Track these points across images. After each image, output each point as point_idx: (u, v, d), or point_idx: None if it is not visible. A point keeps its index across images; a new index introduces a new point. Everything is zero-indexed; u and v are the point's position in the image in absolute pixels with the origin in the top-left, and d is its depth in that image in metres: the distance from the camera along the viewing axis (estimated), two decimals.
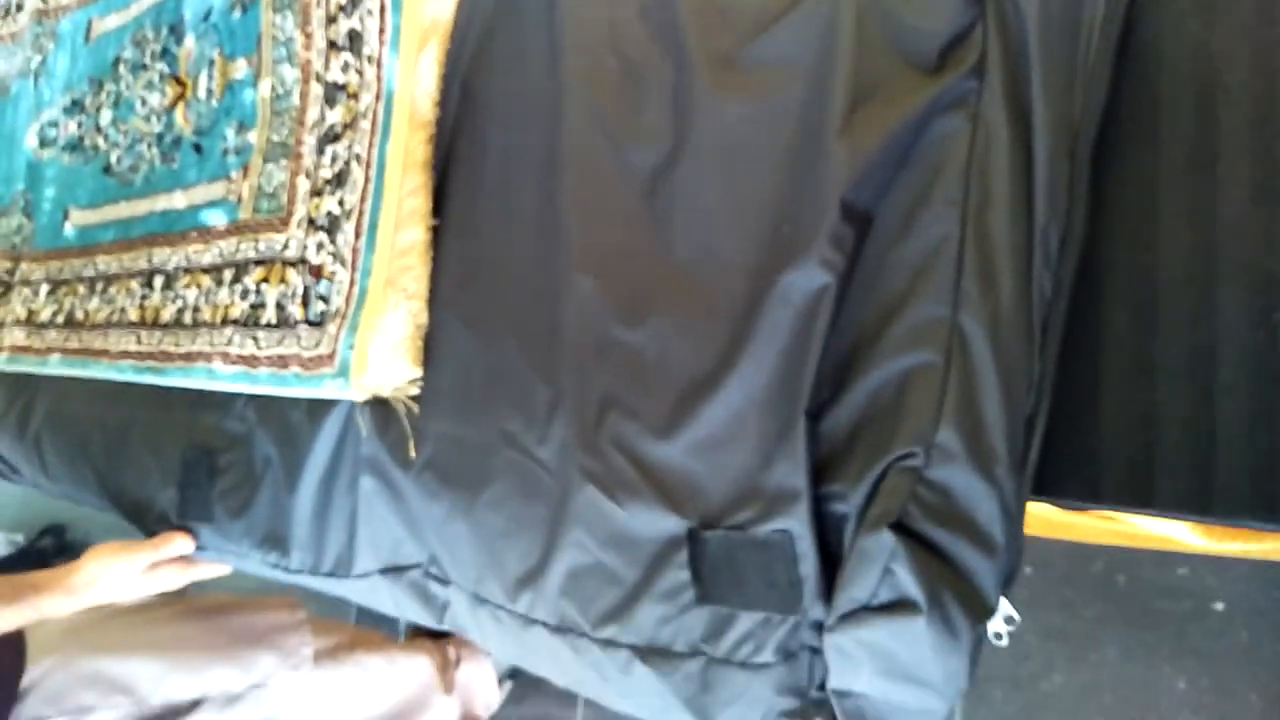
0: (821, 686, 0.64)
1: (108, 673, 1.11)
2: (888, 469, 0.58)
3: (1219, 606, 1.28)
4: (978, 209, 0.58)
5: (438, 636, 1.66)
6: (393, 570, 0.87)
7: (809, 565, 0.61)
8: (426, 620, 0.88)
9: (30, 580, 0.99)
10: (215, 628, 1.23)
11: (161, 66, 1.21)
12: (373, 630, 1.53)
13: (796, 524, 0.61)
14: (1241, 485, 0.57)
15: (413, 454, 0.79)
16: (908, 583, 0.56)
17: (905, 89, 0.61)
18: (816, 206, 0.61)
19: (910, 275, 0.59)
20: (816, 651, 0.64)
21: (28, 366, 1.28)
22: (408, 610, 0.89)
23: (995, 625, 0.63)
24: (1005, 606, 0.62)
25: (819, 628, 0.63)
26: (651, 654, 0.68)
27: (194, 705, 1.16)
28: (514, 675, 1.68)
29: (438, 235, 0.82)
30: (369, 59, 0.90)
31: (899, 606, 0.57)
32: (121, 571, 1.00)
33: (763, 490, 0.63)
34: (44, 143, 1.41)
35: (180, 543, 1.01)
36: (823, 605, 0.62)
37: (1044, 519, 1.00)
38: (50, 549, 2.49)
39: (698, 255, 0.66)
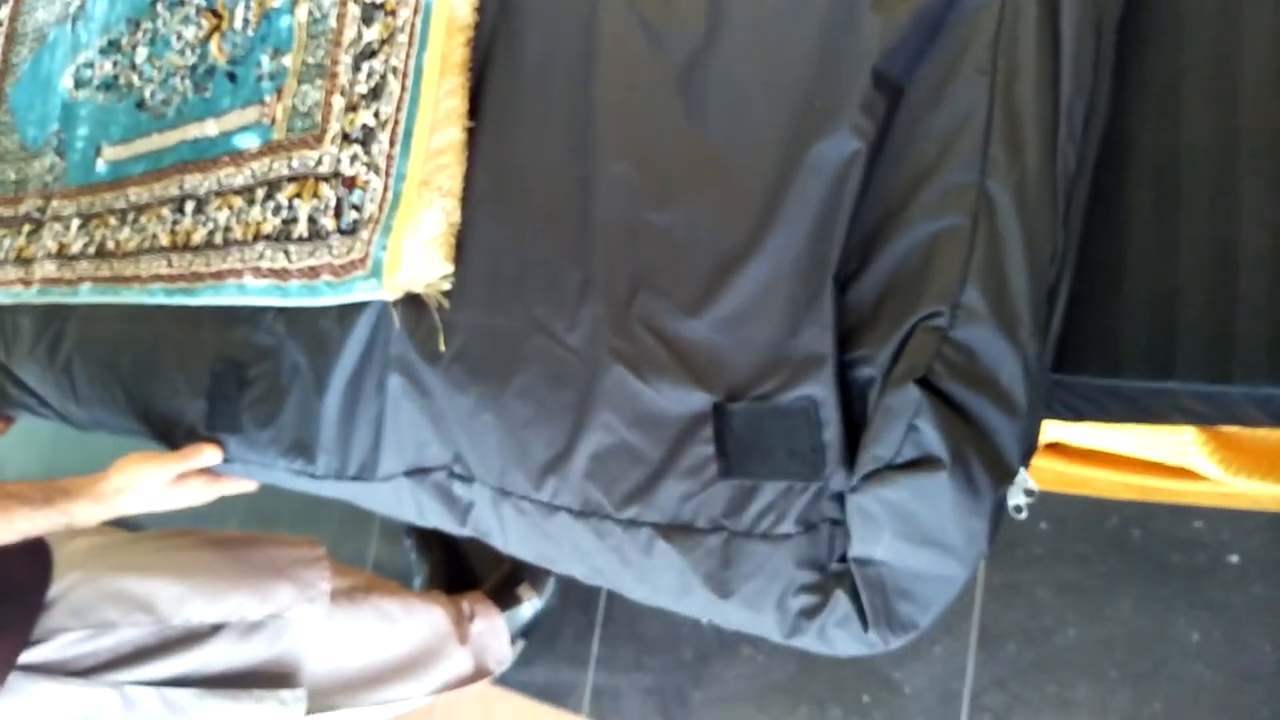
0: (842, 559, 0.65)
1: (130, 591, 1.13)
2: (913, 328, 0.59)
3: (1234, 559, 1.28)
4: (1006, 80, 0.59)
5: (453, 591, 1.68)
6: (417, 472, 0.88)
7: (832, 431, 0.62)
8: (450, 525, 0.90)
9: (61, 486, 1.02)
10: (236, 557, 1.26)
11: (198, 1, 1.24)
12: (385, 578, 1.55)
13: (820, 389, 0.62)
14: (1261, 354, 0.58)
15: (442, 347, 0.81)
16: (931, 438, 0.57)
17: None
18: (849, 77, 0.63)
19: (939, 144, 0.61)
20: (837, 523, 0.65)
21: (58, 297, 1.31)
22: (430, 514, 0.91)
23: (1015, 499, 0.64)
24: (1025, 478, 0.63)
25: (840, 500, 0.64)
26: (673, 531, 0.70)
27: (214, 631, 1.18)
28: (525, 634, 1.69)
29: (473, 135, 0.84)
30: None
31: (922, 463, 0.58)
32: (150, 479, 1.02)
33: (788, 359, 0.64)
34: (79, 83, 1.44)
35: (210, 453, 1.03)
36: (845, 473, 0.63)
37: (1059, 474, 1.01)
38: None
39: (730, 135, 0.68)
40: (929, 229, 0.60)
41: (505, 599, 1.64)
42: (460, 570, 1.76)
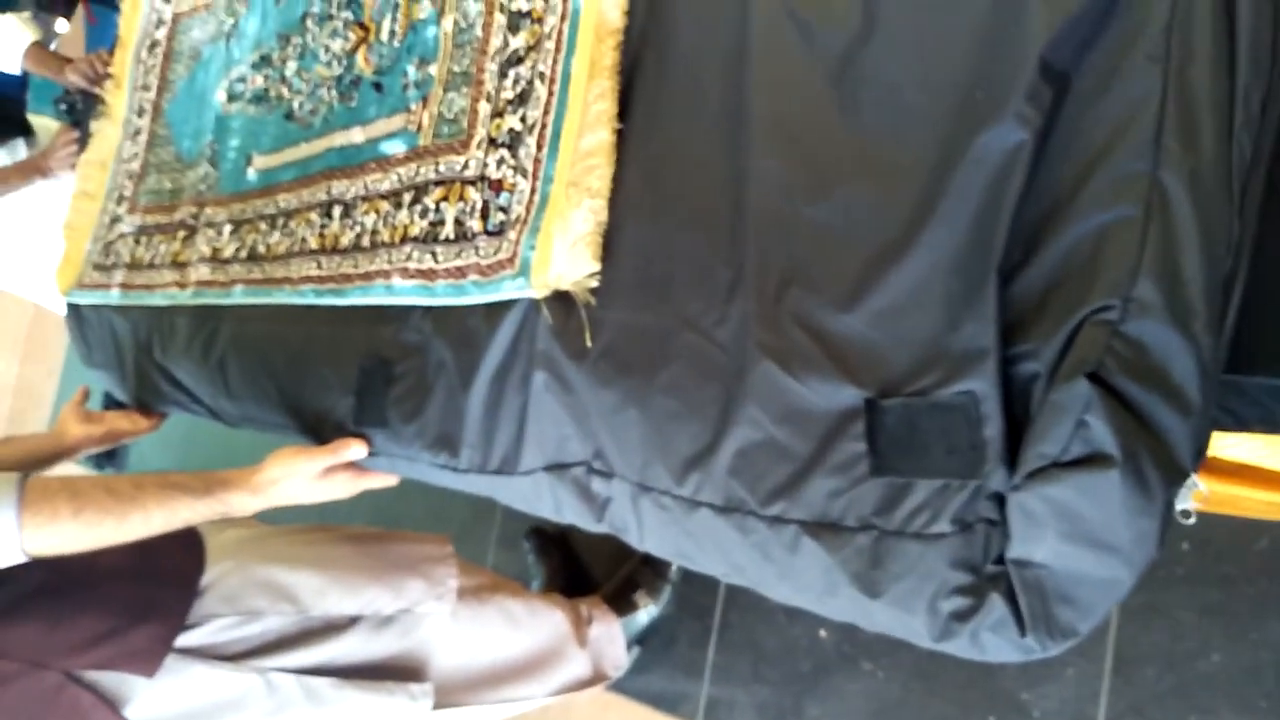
0: (998, 561, 0.64)
1: (277, 580, 1.18)
2: (1082, 322, 0.58)
3: None
4: (1180, 65, 0.58)
5: (572, 594, 1.70)
6: (557, 467, 0.91)
7: (993, 427, 0.62)
8: (586, 521, 0.92)
9: (220, 477, 1.07)
10: (370, 552, 1.30)
11: (346, 15, 1.30)
12: (509, 579, 1.58)
13: (982, 384, 0.62)
14: None
15: (589, 343, 0.83)
16: (1102, 435, 0.56)
17: None
18: (1013, 66, 0.62)
19: (1109, 131, 0.59)
20: (993, 524, 0.64)
21: (212, 299, 1.39)
22: (568, 510, 0.93)
23: (1183, 503, 0.62)
24: (1196, 481, 0.60)
25: (997, 499, 0.63)
26: (821, 529, 0.70)
27: (350, 623, 1.22)
28: (641, 641, 1.71)
29: (621, 136, 0.86)
30: None
31: (1091, 461, 0.57)
32: (302, 472, 1.06)
33: (947, 354, 0.63)
34: (232, 97, 1.53)
35: (356, 447, 1.07)
36: (1004, 472, 0.62)
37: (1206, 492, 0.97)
38: None
39: (886, 127, 0.68)
40: (1098, 220, 0.59)
41: (622, 605, 1.65)
42: (577, 575, 1.78)
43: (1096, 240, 0.59)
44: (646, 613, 1.69)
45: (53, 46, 2.14)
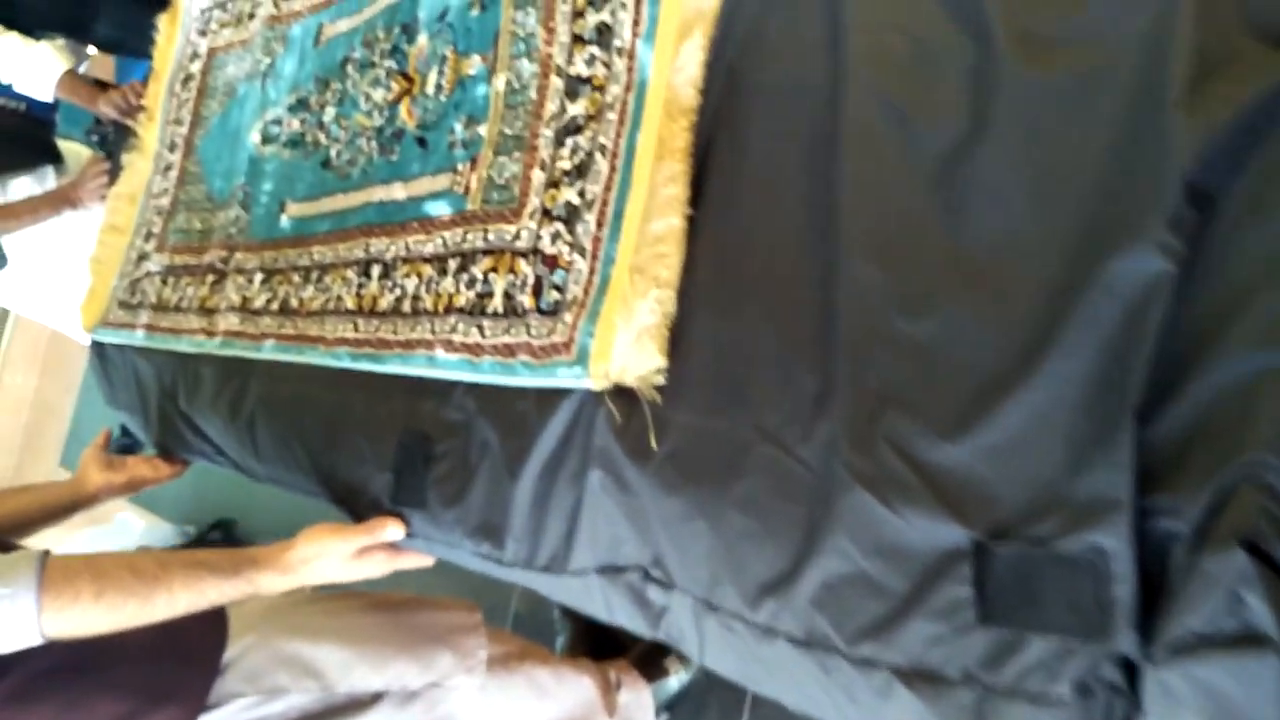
0: None
1: (301, 656, 1.13)
2: (1236, 481, 0.51)
3: None
4: None
5: (599, 658, 1.64)
6: (610, 570, 0.84)
7: (1124, 587, 0.55)
8: (638, 626, 0.86)
9: (249, 555, 1.02)
10: (399, 623, 1.25)
11: (390, 64, 1.25)
12: (535, 643, 1.53)
13: (1113, 540, 0.55)
14: None
15: (653, 445, 0.77)
16: (1259, 613, 0.49)
17: (1258, 62, 0.55)
18: (1152, 186, 0.56)
19: (1261, 264, 0.53)
20: (1118, 691, 0.57)
21: (241, 351, 1.33)
22: (619, 613, 0.86)
23: None
24: None
25: (1125, 665, 0.57)
26: (917, 678, 0.63)
27: (375, 699, 1.17)
28: (670, 708, 1.64)
29: (694, 222, 0.80)
30: (619, 51, 0.90)
31: (1246, 641, 0.50)
32: (335, 553, 1.01)
33: (1070, 500, 0.57)
34: (266, 139, 1.48)
35: (392, 528, 1.01)
36: (1135, 637, 0.55)
37: None
38: (219, 541, 2.61)
39: (998, 241, 0.62)
40: (1253, 363, 0.53)
41: (652, 669, 1.59)
42: (604, 634, 1.72)
43: (1251, 385, 0.52)
44: (677, 679, 1.62)
45: (82, 69, 2.10)
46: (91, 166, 1.87)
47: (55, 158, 2.05)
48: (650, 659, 1.64)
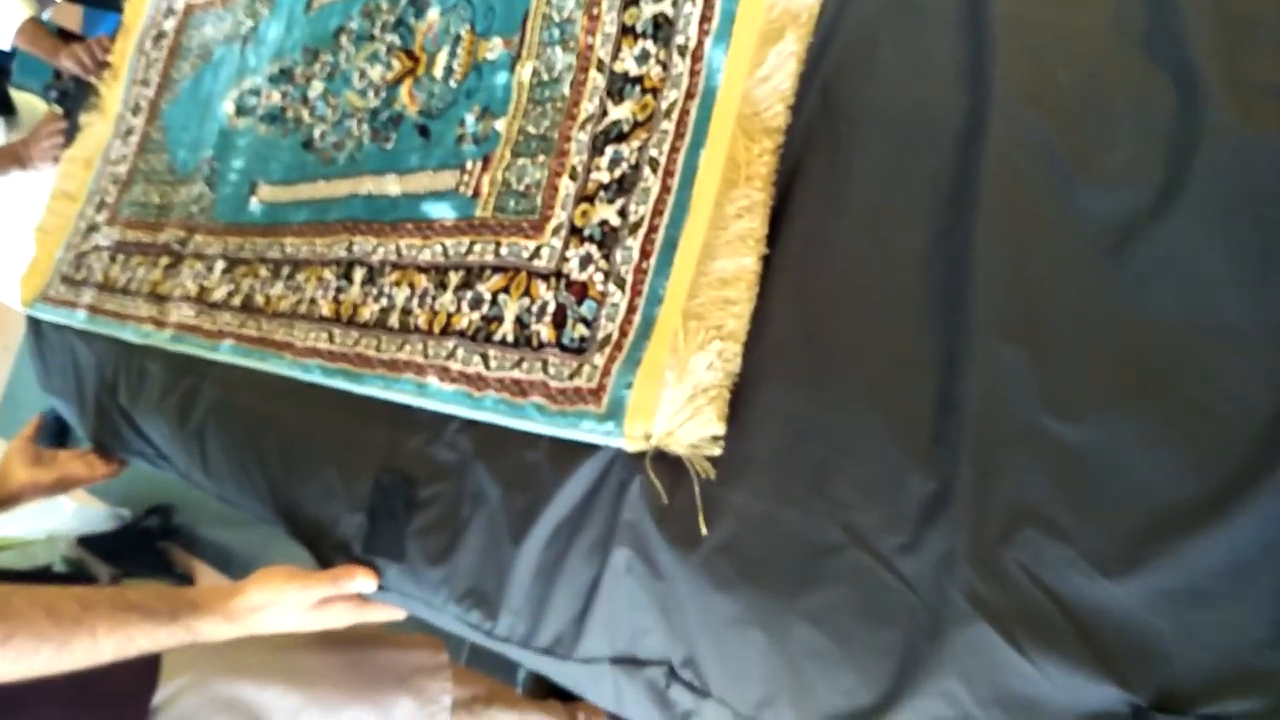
0: None
1: (243, 700, 1.01)
2: None
3: None
4: None
5: (566, 698, 1.52)
6: (628, 662, 0.71)
7: None
8: None
9: (189, 598, 0.87)
10: (356, 663, 1.12)
11: (392, 39, 1.10)
12: (492, 678, 1.40)
13: None
14: None
15: (703, 530, 0.63)
16: None
17: None
18: None
19: None
20: None
21: (195, 349, 1.17)
22: (631, 708, 0.73)
23: None
24: None
25: None
26: None
27: None
28: None
29: (770, 265, 0.66)
30: (681, 50, 0.76)
31: None
32: (291, 602, 0.86)
33: (1266, 673, 0.45)
34: (240, 110, 1.32)
35: (362, 580, 0.87)
36: None
37: None
38: (156, 529, 2.43)
39: (1191, 334, 0.49)
40: None
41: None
42: None
43: None
44: None
45: (45, 16, 1.92)
46: (47, 124, 1.69)
47: (7, 109, 1.87)
48: None
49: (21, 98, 1.99)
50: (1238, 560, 0.46)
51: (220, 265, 1.22)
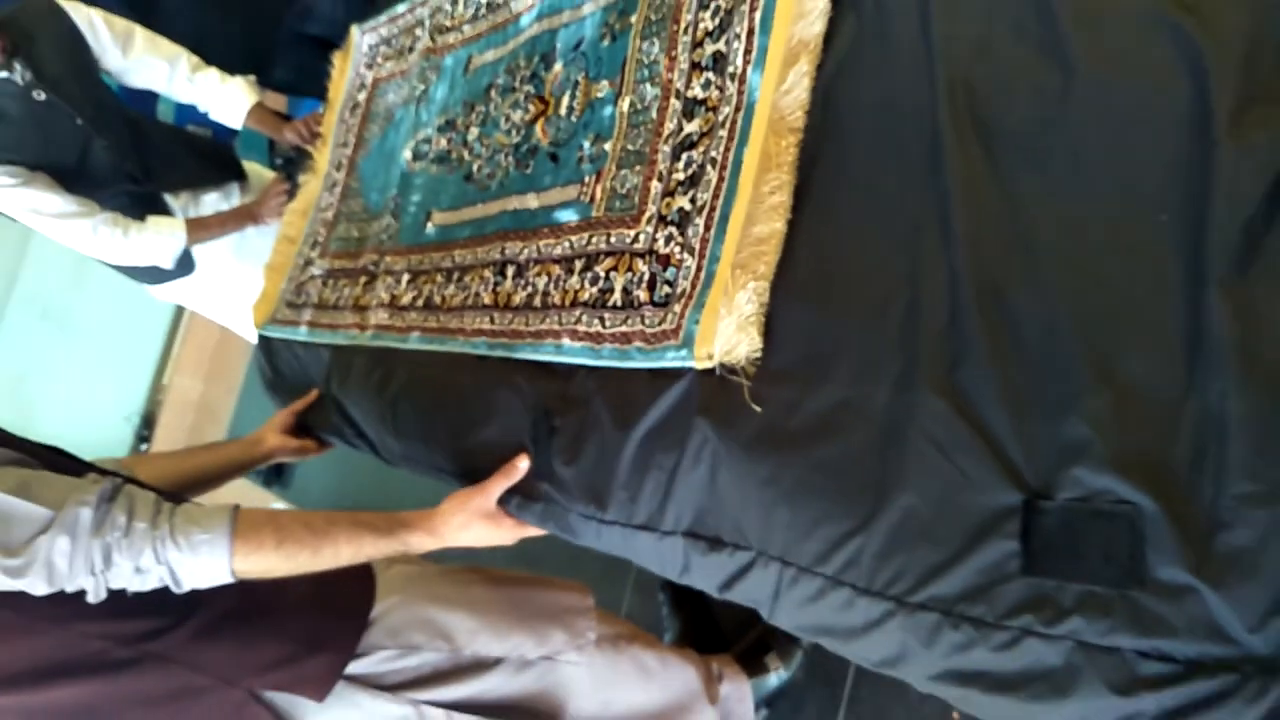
0: None
1: (435, 619, 1.26)
2: None
3: None
4: None
5: (704, 650, 1.73)
6: (694, 535, 0.95)
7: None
8: (713, 587, 0.95)
9: (401, 518, 1.16)
10: (518, 598, 1.37)
11: (528, 89, 1.41)
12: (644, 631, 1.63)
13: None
14: None
15: (753, 411, 0.87)
16: None
17: None
18: None
19: None
20: None
21: (389, 342, 1.50)
22: (696, 575, 0.97)
23: None
24: None
25: None
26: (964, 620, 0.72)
27: (495, 663, 1.29)
28: (769, 704, 1.71)
29: (793, 226, 0.91)
30: (731, 76, 1.02)
31: None
32: (475, 508, 1.15)
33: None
34: (416, 156, 1.67)
35: (522, 464, 1.15)
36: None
37: None
38: None
39: (1111, 211, 0.71)
40: None
41: (753, 666, 1.67)
42: (710, 631, 1.81)
43: None
44: (777, 676, 1.69)
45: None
46: (274, 186, 2.11)
47: (240, 175, 2.31)
48: (752, 655, 1.72)
49: (247, 165, 2.44)
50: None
51: (406, 277, 1.56)
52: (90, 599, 0.99)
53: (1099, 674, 0.66)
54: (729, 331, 0.90)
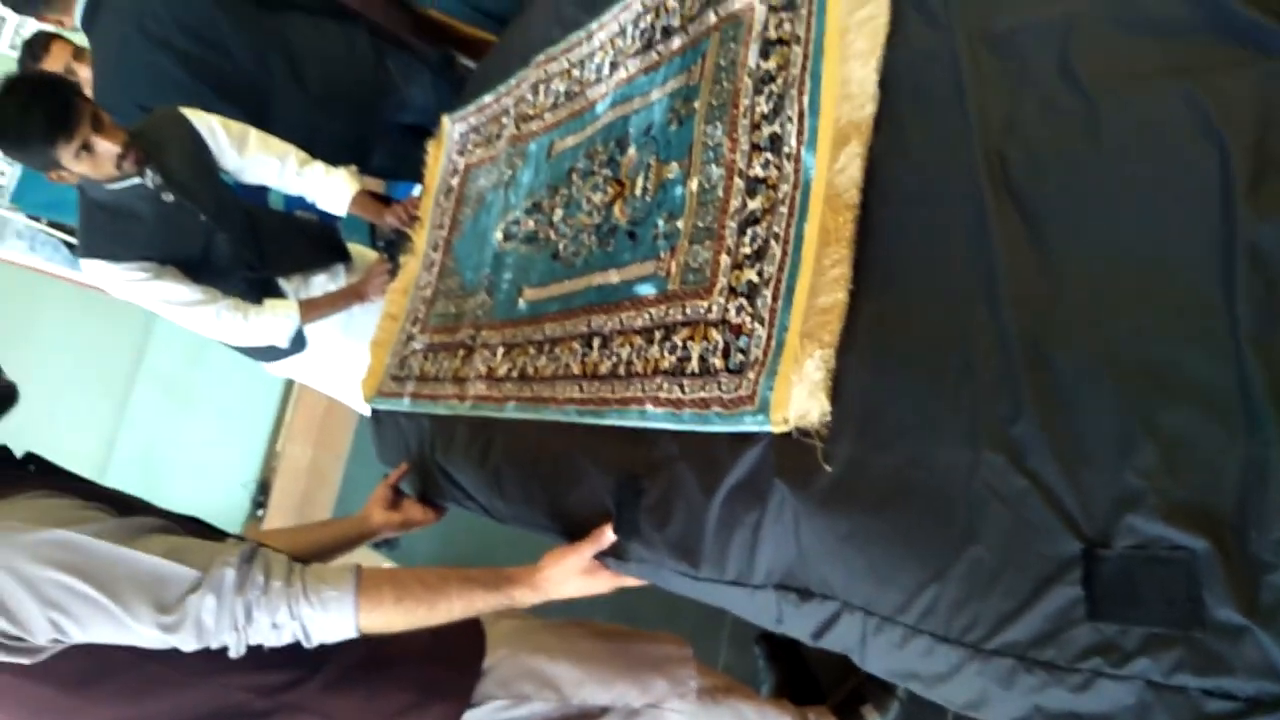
0: None
1: (542, 670, 1.34)
2: None
3: None
4: None
5: (800, 702, 1.76)
6: (783, 587, 1.01)
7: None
8: (806, 636, 1.01)
9: (506, 574, 1.25)
10: (619, 650, 1.44)
11: (606, 172, 1.52)
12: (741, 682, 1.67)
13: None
14: None
15: (825, 470, 0.93)
16: None
17: None
18: None
19: None
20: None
21: (488, 412, 1.61)
22: (789, 624, 1.02)
23: None
24: None
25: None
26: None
27: (602, 712, 1.36)
28: None
29: (854, 295, 0.97)
30: (788, 156, 1.10)
31: None
32: (571, 566, 1.23)
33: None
34: (507, 236, 1.79)
35: (608, 534, 1.23)
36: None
37: None
38: None
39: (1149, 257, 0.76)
40: None
41: (849, 717, 1.69)
42: (806, 682, 1.84)
43: None
44: None
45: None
46: (377, 266, 2.28)
47: (345, 257, 2.50)
48: (848, 706, 1.74)
49: (351, 247, 2.62)
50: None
51: (501, 350, 1.66)
52: (232, 654, 1.09)
53: (1169, 712, 0.69)
54: (801, 397, 0.96)
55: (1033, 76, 0.87)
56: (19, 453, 1.23)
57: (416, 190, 2.39)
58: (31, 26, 2.79)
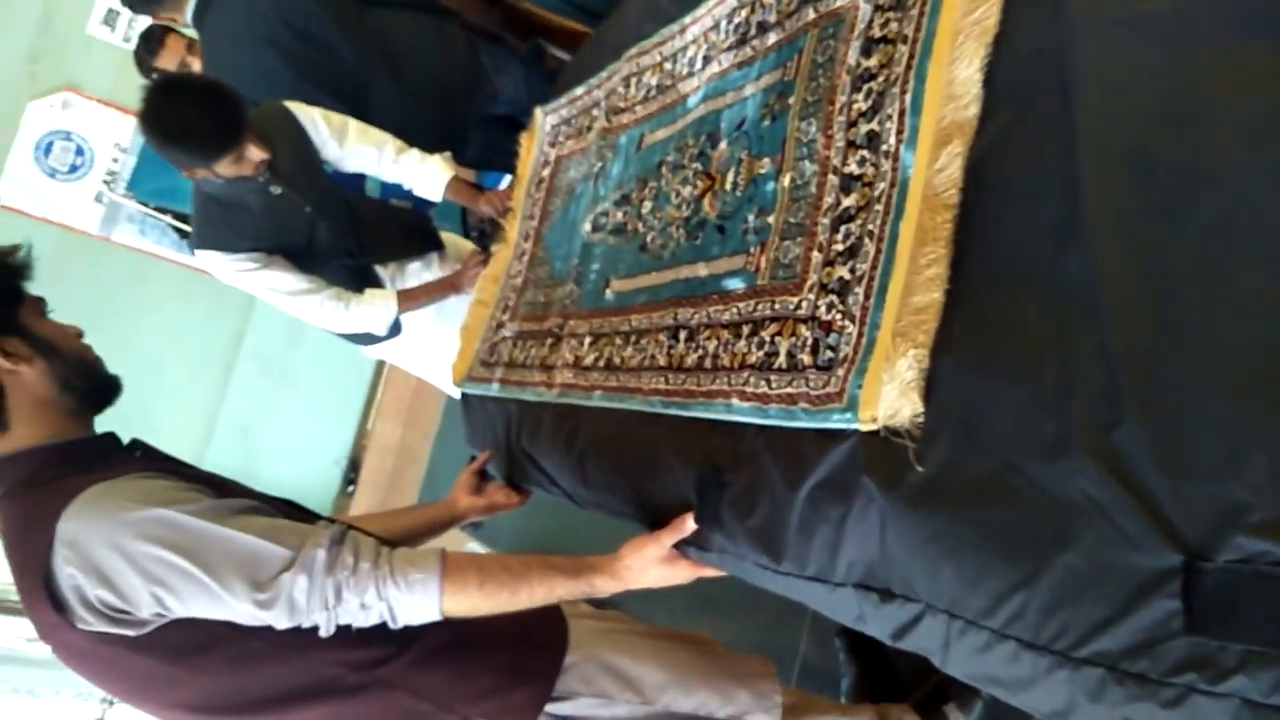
0: None
1: (625, 670, 1.37)
2: None
3: None
4: None
5: (878, 698, 1.75)
6: (864, 586, 1.01)
7: None
8: (886, 636, 1.00)
9: (587, 562, 1.27)
10: (702, 658, 1.45)
11: (696, 166, 1.52)
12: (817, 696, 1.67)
13: None
14: None
15: (915, 470, 0.92)
16: None
17: None
18: None
19: None
20: None
21: (574, 399, 1.64)
22: (870, 623, 1.02)
23: None
24: None
25: None
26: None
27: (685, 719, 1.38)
28: None
29: (949, 296, 0.96)
30: (885, 154, 1.09)
31: None
32: (651, 555, 1.25)
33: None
34: (595, 228, 1.81)
35: (689, 523, 1.24)
36: None
37: None
38: None
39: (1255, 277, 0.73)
40: None
41: (932, 715, 1.68)
42: (887, 678, 1.83)
43: None
44: None
45: None
46: (472, 257, 2.34)
47: (439, 245, 2.56)
48: (931, 704, 1.72)
49: (444, 235, 2.68)
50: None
51: (588, 340, 1.69)
52: (322, 633, 1.14)
53: None
54: (892, 396, 0.96)
55: (1145, 76, 0.85)
56: (125, 439, 1.30)
57: (506, 180, 2.44)
58: (145, 20, 2.92)
